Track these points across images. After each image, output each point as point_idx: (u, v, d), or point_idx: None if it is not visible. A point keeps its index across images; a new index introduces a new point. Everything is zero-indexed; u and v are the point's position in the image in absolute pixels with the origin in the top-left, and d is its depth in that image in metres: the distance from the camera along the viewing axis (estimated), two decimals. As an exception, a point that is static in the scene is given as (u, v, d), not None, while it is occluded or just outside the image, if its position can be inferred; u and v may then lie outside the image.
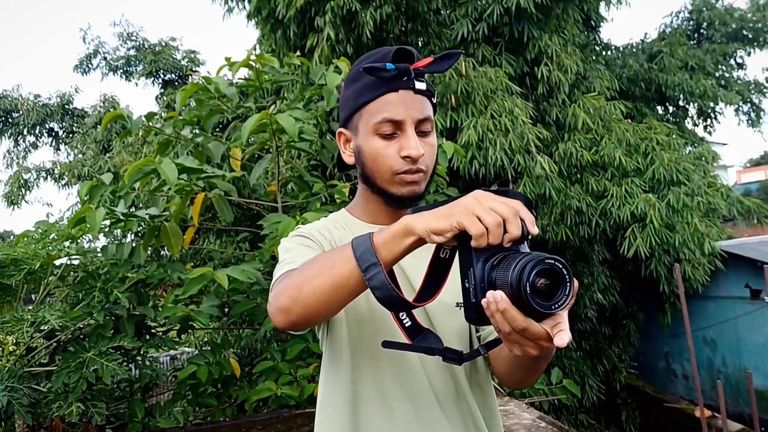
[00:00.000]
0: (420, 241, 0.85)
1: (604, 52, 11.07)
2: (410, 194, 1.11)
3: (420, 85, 1.09)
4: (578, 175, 7.63)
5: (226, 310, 4.08)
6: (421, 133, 1.11)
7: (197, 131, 3.85)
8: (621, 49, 11.46)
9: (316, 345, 3.45)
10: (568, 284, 0.76)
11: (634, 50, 11.34)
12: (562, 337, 0.75)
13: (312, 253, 1.08)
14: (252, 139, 3.99)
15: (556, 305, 0.75)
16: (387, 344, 0.97)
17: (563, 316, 0.77)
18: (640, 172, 7.62)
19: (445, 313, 1.11)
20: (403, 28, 7.48)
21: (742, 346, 8.91)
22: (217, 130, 4.28)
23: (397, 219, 0.88)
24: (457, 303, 0.87)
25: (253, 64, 3.68)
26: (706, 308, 9.25)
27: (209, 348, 3.90)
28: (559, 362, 8.02)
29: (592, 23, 10.63)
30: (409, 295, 0.93)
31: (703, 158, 8.89)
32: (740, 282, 8.54)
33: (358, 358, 1.11)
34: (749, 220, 8.97)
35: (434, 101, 1.15)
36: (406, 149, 1.08)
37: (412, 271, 1.12)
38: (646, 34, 11.86)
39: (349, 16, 6.89)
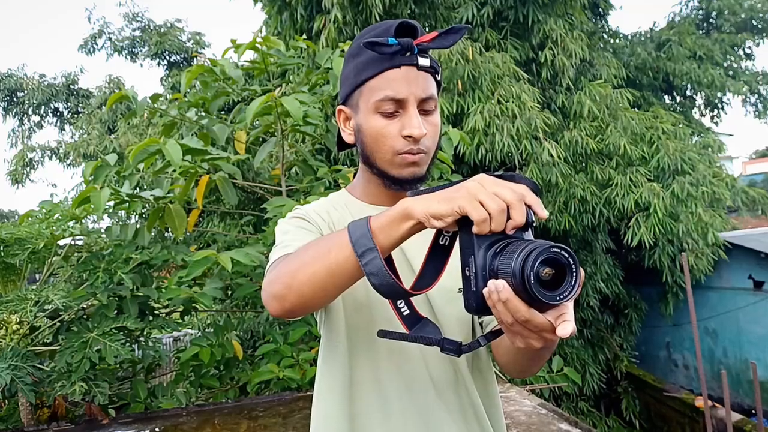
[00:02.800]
0: (419, 226, 0.81)
1: (612, 40, 10.99)
2: (411, 176, 1.07)
3: (423, 61, 1.03)
4: (583, 164, 7.60)
5: (229, 292, 4.09)
6: (424, 112, 1.06)
7: (202, 113, 3.84)
8: (629, 37, 11.39)
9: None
10: (575, 274, 0.72)
11: (643, 39, 11.26)
12: (566, 327, 0.71)
13: (310, 236, 1.05)
14: (257, 122, 3.98)
15: (561, 296, 0.71)
16: (383, 334, 0.95)
17: (568, 306, 0.73)
18: (645, 161, 7.60)
19: (446, 299, 1.08)
20: (410, 11, 7.43)
21: (744, 338, 8.91)
22: (222, 112, 4.27)
23: (398, 200, 0.84)
24: (459, 288, 0.83)
25: (259, 46, 3.66)
26: (708, 299, 9.25)
27: (212, 330, 3.92)
28: (561, 350, 8.04)
29: (600, 10, 10.54)
30: (411, 279, 0.90)
31: (709, 148, 8.85)
32: (743, 273, 8.53)
33: (355, 345, 1.09)
34: (754, 211, 8.94)
35: (438, 78, 1.10)
36: (407, 128, 1.03)
37: (415, 254, 1.08)
38: (654, 22, 11.77)
39: (356, -1, 6.85)
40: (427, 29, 7.85)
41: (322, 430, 1.13)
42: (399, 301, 0.93)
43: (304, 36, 7.13)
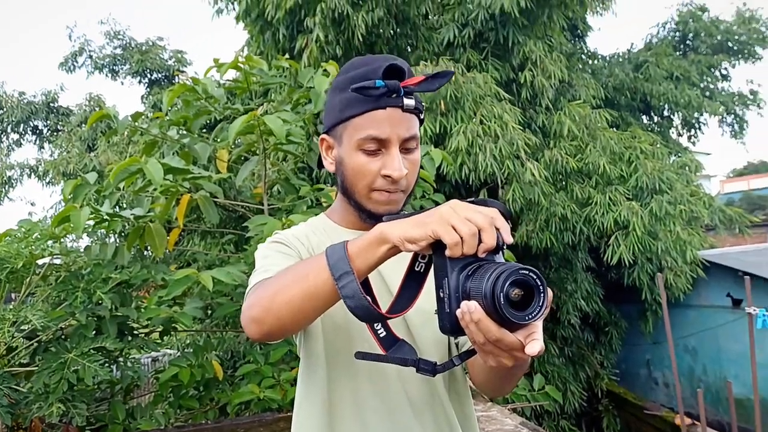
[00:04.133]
0: (395, 250, 0.84)
1: (590, 61, 11.18)
2: (386, 212, 1.09)
3: (409, 103, 1.06)
4: (563, 182, 7.69)
5: (210, 312, 4.05)
6: (405, 150, 1.09)
7: (184, 132, 3.83)
8: (607, 58, 11.58)
9: (300, 348, 3.45)
10: (542, 295, 0.75)
11: (621, 60, 11.44)
12: (534, 346, 0.74)
13: (289, 261, 1.07)
14: (239, 140, 3.98)
15: (530, 316, 0.75)
16: (361, 356, 0.96)
17: (537, 325, 0.77)
18: (623, 180, 7.70)
19: (422, 321, 1.10)
20: (392, 32, 7.51)
21: (723, 355, 8.99)
22: (204, 130, 4.27)
23: (374, 225, 0.88)
24: (435, 310, 0.86)
25: (242, 66, 3.67)
26: (687, 316, 9.33)
27: (191, 350, 3.88)
28: (542, 368, 8.06)
29: (579, 32, 10.74)
30: (389, 302, 0.92)
31: (687, 167, 9.00)
32: (722, 291, 8.62)
33: (334, 366, 1.11)
34: (731, 229, 9.07)
35: (422, 117, 1.13)
36: (388, 168, 1.07)
37: (393, 276, 1.10)
38: (632, 44, 11.96)
39: (339, 18, 6.90)
40: (408, 49, 7.98)
41: None
42: (376, 324, 0.95)
43: (287, 55, 7.16)
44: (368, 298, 0.83)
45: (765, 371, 8.57)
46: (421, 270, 0.91)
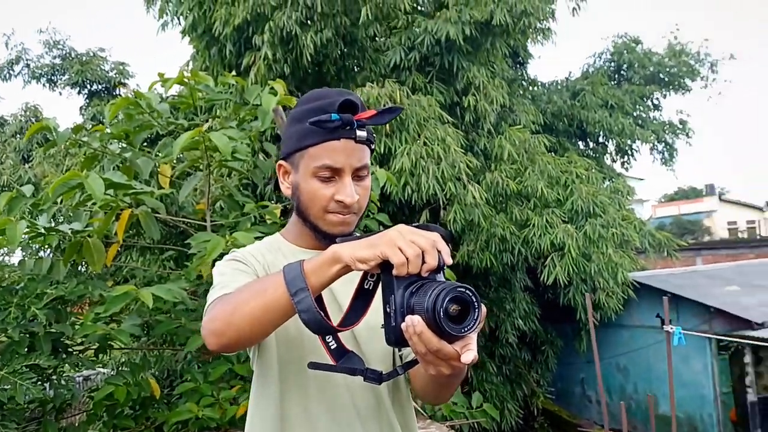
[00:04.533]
0: (346, 268, 0.93)
1: (530, 88, 11.54)
2: (339, 233, 1.17)
3: (361, 135, 1.15)
4: (503, 204, 7.89)
5: (147, 329, 3.98)
6: (358, 177, 1.18)
7: (125, 146, 3.78)
8: (546, 85, 11.96)
9: (240, 366, 3.42)
10: (477, 310, 0.85)
11: (559, 87, 11.84)
12: (468, 355, 0.84)
13: (246, 277, 1.13)
14: (182, 155, 3.95)
15: (466, 329, 0.85)
16: (313, 365, 1.04)
17: (472, 337, 0.86)
18: (560, 203, 7.97)
19: (370, 335, 1.17)
20: (340, 52, 7.59)
21: (653, 374, 9.32)
22: (145, 145, 4.22)
23: (327, 246, 0.96)
24: (382, 325, 0.95)
25: (187, 81, 3.66)
26: (620, 336, 9.65)
27: (128, 368, 3.80)
28: (480, 386, 8.19)
29: (521, 59, 11.07)
30: (338, 317, 1.01)
31: (620, 192, 9.36)
32: (652, 312, 8.95)
33: (286, 378, 1.17)
34: (660, 252, 9.47)
35: (373, 147, 1.22)
36: (341, 195, 1.15)
37: (343, 294, 1.17)
38: (570, 72, 12.37)
39: (287, 37, 6.95)
40: (355, 69, 8.08)
41: None
42: (327, 336, 1.02)
43: (233, 72, 7.15)
44: (321, 312, 0.91)
45: (690, 389, 8.96)
46: (370, 287, 1.00)
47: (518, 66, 11.24)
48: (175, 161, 3.90)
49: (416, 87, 7.75)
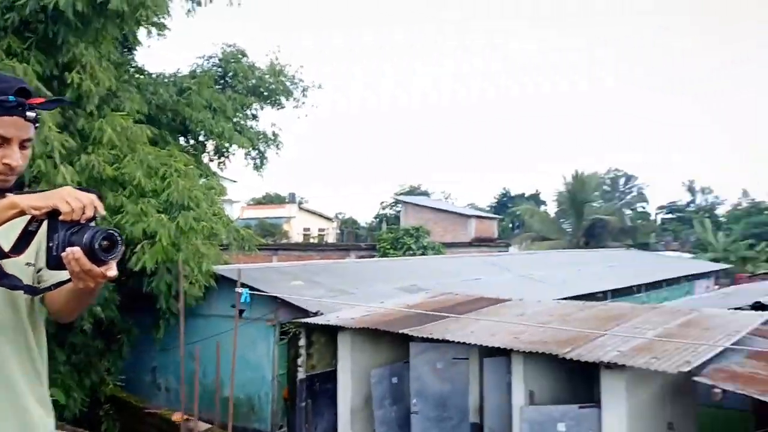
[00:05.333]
0: (21, 213, 1.27)
1: (137, 76, 11.39)
2: (2, 188, 1.45)
3: (30, 115, 1.43)
4: (97, 188, 7.73)
5: None
6: (23, 147, 1.47)
7: None
8: (154, 76, 11.93)
9: None
10: (119, 245, 1.29)
11: (166, 81, 11.91)
12: (111, 272, 1.29)
13: None
14: None
15: (112, 257, 1.28)
16: None
17: (113, 264, 1.30)
18: (156, 193, 8.21)
19: (21, 268, 1.45)
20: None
21: (224, 360, 10.09)
22: None
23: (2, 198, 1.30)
24: (26, 263, 1.37)
25: None
26: (197, 325, 10.16)
27: None
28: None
29: (129, 44, 10.86)
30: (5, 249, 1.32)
31: (214, 190, 10.03)
32: (228, 302, 9.72)
33: None
34: (244, 249, 10.36)
35: (37, 125, 1.50)
36: (8, 159, 1.43)
37: (3, 236, 1.42)
38: (179, 69, 12.55)
39: None
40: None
41: None
42: None
43: None
44: None
45: (255, 372, 10.05)
46: (33, 229, 1.33)
47: (126, 51, 11.02)
48: None
49: (12, 51, 7.10)
